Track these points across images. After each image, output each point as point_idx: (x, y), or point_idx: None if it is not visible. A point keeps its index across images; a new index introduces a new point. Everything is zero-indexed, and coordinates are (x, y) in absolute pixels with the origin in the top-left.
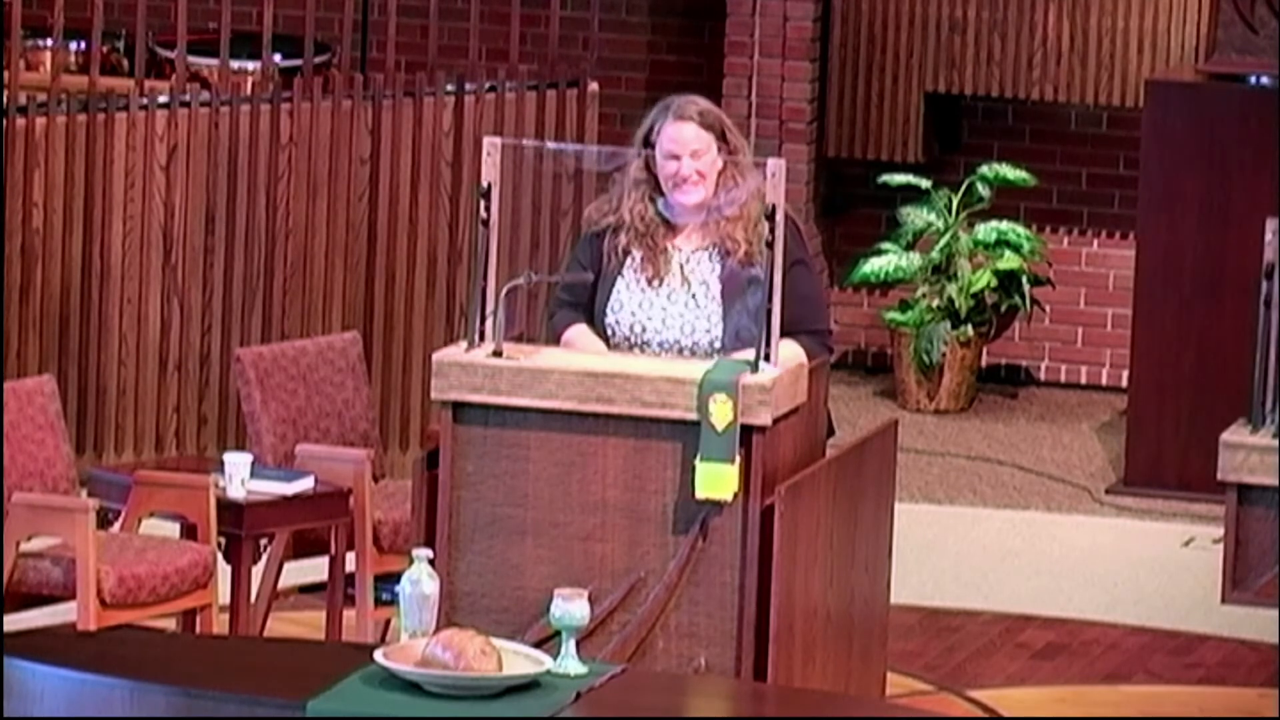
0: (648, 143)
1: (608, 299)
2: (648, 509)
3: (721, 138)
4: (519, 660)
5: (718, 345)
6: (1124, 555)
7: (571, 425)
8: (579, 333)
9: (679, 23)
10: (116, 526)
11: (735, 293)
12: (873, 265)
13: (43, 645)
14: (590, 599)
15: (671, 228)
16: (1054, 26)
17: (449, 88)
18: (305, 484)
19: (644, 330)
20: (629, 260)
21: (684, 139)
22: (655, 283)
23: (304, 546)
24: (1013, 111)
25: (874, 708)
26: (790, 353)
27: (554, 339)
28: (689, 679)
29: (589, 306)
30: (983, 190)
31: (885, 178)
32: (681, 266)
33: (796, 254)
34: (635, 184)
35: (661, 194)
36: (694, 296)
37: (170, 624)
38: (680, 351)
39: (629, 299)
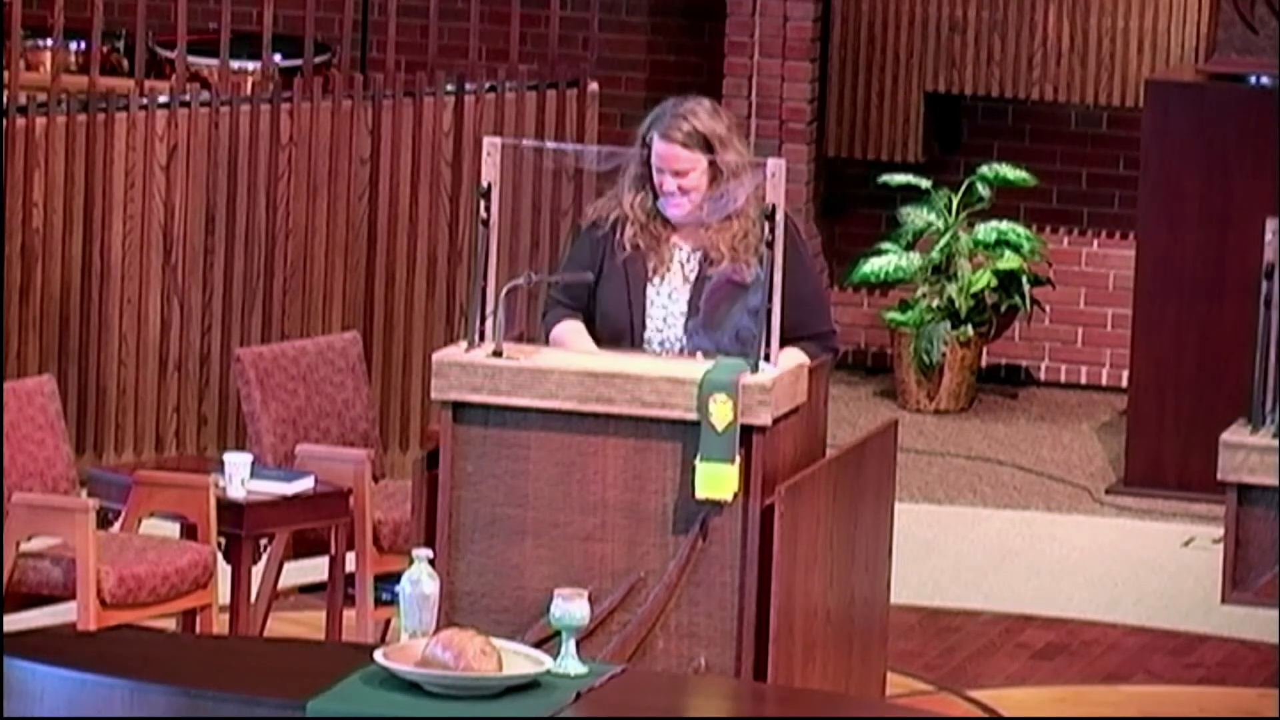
0: (645, 142)
1: (608, 297)
2: (648, 509)
3: (709, 150)
4: (519, 660)
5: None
6: (1124, 555)
7: (571, 425)
8: (567, 329)
9: (679, 23)
10: (116, 526)
11: (708, 295)
12: (873, 265)
13: (43, 645)
14: (590, 599)
15: (670, 223)
16: (1054, 26)
17: (449, 88)
18: (305, 484)
19: (644, 329)
20: (630, 258)
21: (668, 157)
22: (656, 280)
23: (304, 546)
24: (1013, 111)
25: (874, 708)
26: (793, 361)
27: (545, 336)
28: (689, 679)
29: (588, 305)
30: (983, 190)
31: (885, 178)
32: (683, 265)
33: (794, 257)
34: (636, 178)
35: None
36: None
37: (170, 624)
38: (680, 351)
39: (639, 303)
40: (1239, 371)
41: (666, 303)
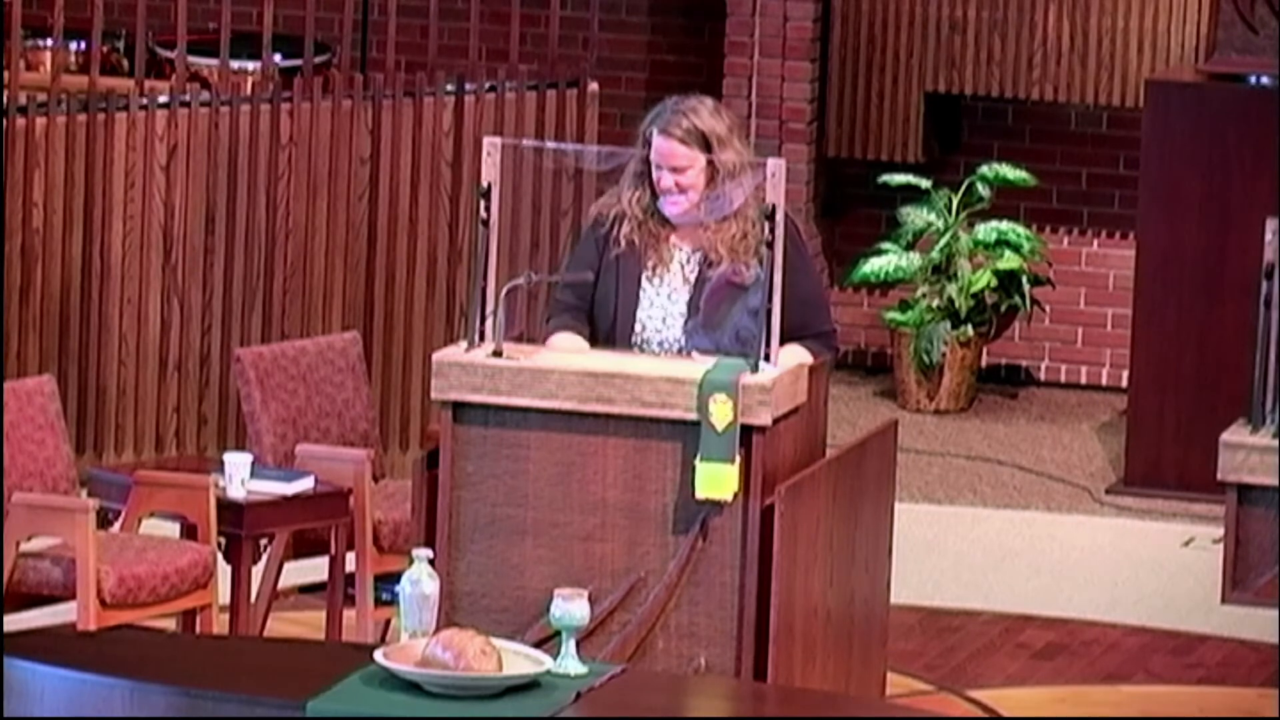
0: (646, 140)
1: (601, 292)
2: (648, 509)
3: (707, 148)
4: (519, 660)
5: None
6: (1124, 555)
7: (571, 425)
8: (560, 340)
9: (679, 23)
10: (116, 526)
11: (707, 295)
12: (873, 265)
13: (43, 645)
14: (590, 599)
15: (670, 222)
16: (1054, 26)
17: (449, 88)
18: (305, 484)
19: (644, 329)
20: (624, 254)
21: (666, 154)
22: (656, 279)
23: (304, 546)
24: (1013, 111)
25: (874, 708)
26: (794, 358)
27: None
28: (689, 679)
29: (591, 305)
30: (983, 190)
31: (885, 178)
32: (683, 266)
33: (795, 257)
34: (636, 176)
35: None
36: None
37: (170, 624)
38: (680, 351)
39: (630, 298)
40: (1239, 371)
41: (666, 303)
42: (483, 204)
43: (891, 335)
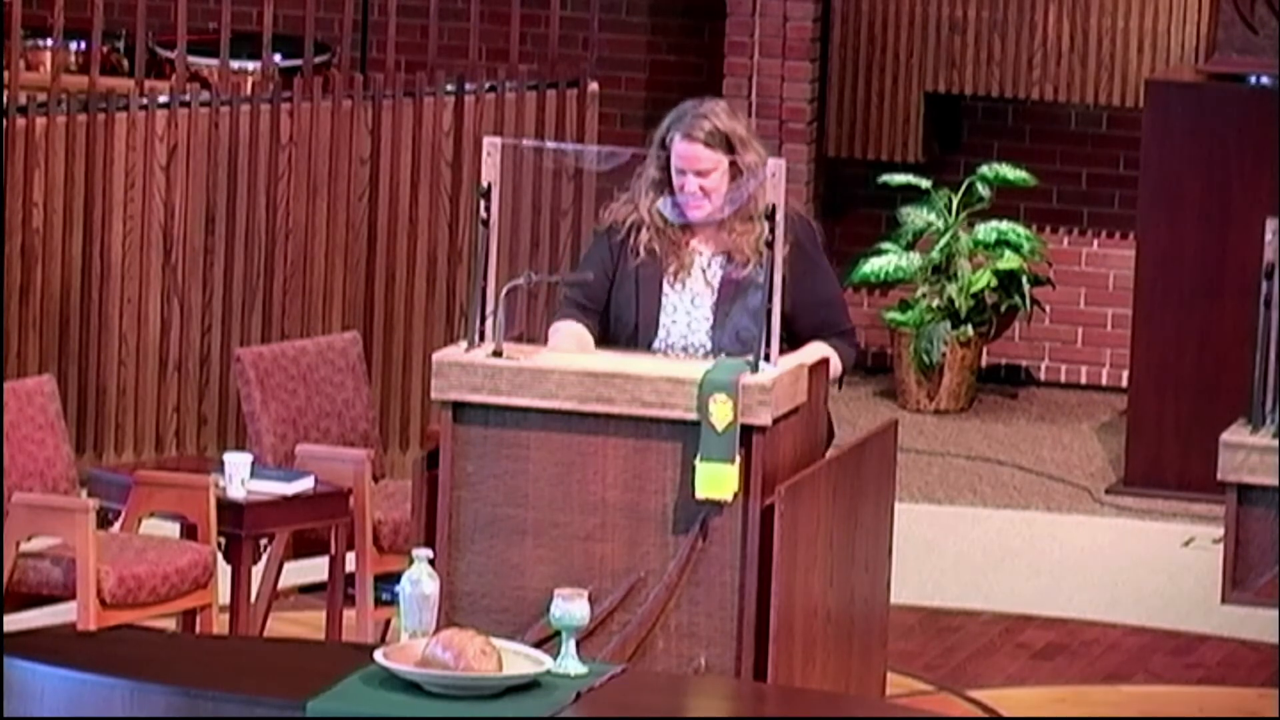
0: (664, 144)
1: (620, 302)
2: (648, 509)
3: (730, 150)
4: (519, 660)
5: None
6: (1124, 555)
7: (571, 425)
8: (558, 328)
9: (679, 23)
10: (116, 526)
11: (731, 297)
12: (873, 265)
13: (43, 645)
14: (590, 599)
15: (689, 227)
16: (1054, 26)
17: (449, 88)
18: (305, 484)
19: (668, 335)
20: (644, 263)
21: (690, 157)
22: (678, 285)
23: (304, 546)
24: (1013, 111)
25: (874, 708)
26: (821, 353)
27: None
28: (689, 679)
29: (605, 307)
30: (983, 190)
31: (885, 178)
32: (704, 270)
33: (815, 257)
34: (653, 183)
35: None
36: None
37: (170, 624)
38: (705, 355)
39: (652, 305)
40: (1239, 371)
41: (690, 308)
42: (483, 204)
43: (891, 335)
